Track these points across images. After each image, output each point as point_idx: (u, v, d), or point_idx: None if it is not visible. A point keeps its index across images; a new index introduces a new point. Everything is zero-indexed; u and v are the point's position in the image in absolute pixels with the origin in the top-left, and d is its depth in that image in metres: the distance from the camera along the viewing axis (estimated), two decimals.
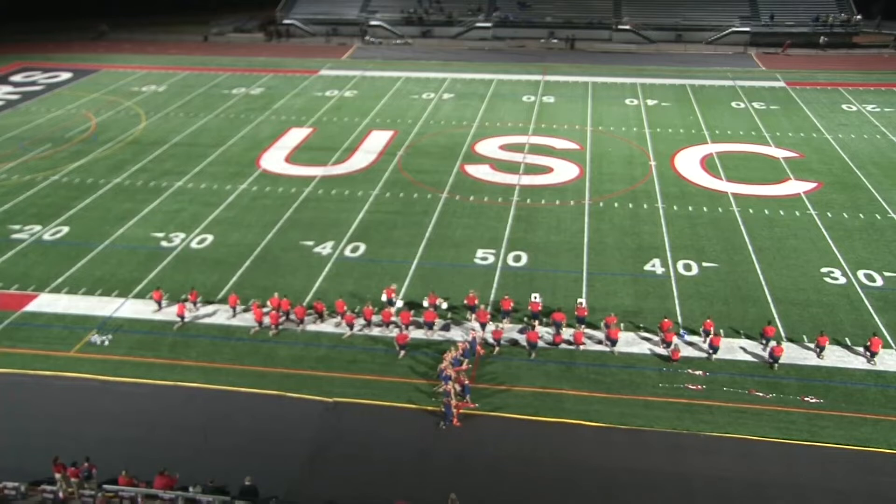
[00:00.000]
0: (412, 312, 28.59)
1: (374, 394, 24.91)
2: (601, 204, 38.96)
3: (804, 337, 27.75)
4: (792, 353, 26.71)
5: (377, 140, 48.22)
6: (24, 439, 22.99)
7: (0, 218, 37.62)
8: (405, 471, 21.92)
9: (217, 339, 27.98)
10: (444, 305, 29.28)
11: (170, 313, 29.08)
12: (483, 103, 56.13)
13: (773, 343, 26.48)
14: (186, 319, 28.77)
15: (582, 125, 51.03)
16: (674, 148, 46.72)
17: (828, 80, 62.32)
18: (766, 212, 37.75)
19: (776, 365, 26.06)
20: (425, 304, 29.02)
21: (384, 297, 29.27)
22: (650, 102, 56.20)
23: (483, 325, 28.00)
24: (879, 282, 31.41)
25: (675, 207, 38.37)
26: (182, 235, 35.68)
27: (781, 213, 37.66)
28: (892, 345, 27.31)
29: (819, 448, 22.48)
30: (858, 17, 75.89)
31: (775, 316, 29.07)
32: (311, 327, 28.62)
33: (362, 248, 34.52)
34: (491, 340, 27.37)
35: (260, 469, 21.06)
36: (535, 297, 29.49)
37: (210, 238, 35.47)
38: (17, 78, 63.79)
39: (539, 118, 52.48)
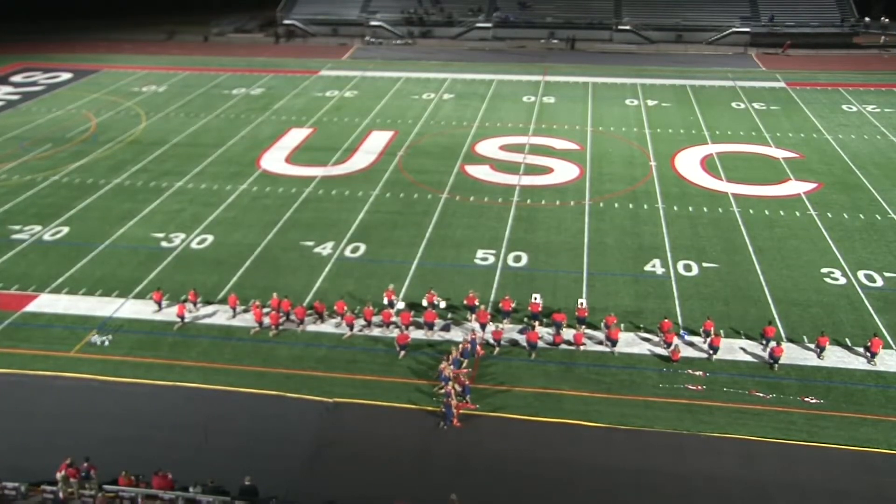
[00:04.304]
0: (412, 313, 28.58)
1: (374, 394, 24.89)
2: (601, 204, 38.96)
3: (804, 337, 27.74)
4: (792, 354, 26.70)
5: (377, 140, 48.22)
6: (24, 439, 22.98)
7: (0, 218, 37.62)
8: (405, 471, 21.91)
9: (217, 340, 27.97)
10: (443, 305, 29.26)
11: (170, 314, 29.07)
12: (483, 103, 56.14)
13: (773, 343, 26.46)
14: (186, 320, 28.76)
15: (582, 125, 51.03)
16: (674, 148, 46.72)
17: (828, 81, 62.35)
18: (767, 212, 37.75)
19: (776, 365, 26.04)
20: (424, 303, 29.03)
21: (385, 300, 29.26)
22: (650, 103, 56.21)
23: (483, 326, 27.98)
24: (879, 282, 31.40)
25: (675, 208, 38.37)
26: (182, 236, 35.68)
27: (782, 213, 37.66)
28: (893, 345, 27.30)
29: (819, 448, 22.46)
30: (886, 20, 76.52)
31: (775, 316, 29.07)
32: (312, 328, 28.61)
33: (362, 248, 34.51)
34: (491, 341, 27.37)
35: (260, 469, 21.04)
36: (536, 298, 29.46)
37: (210, 238, 35.47)
38: (17, 78, 63.79)
39: (539, 118, 52.49)
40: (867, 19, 77.18)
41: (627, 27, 77.61)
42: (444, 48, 76.65)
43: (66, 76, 64.05)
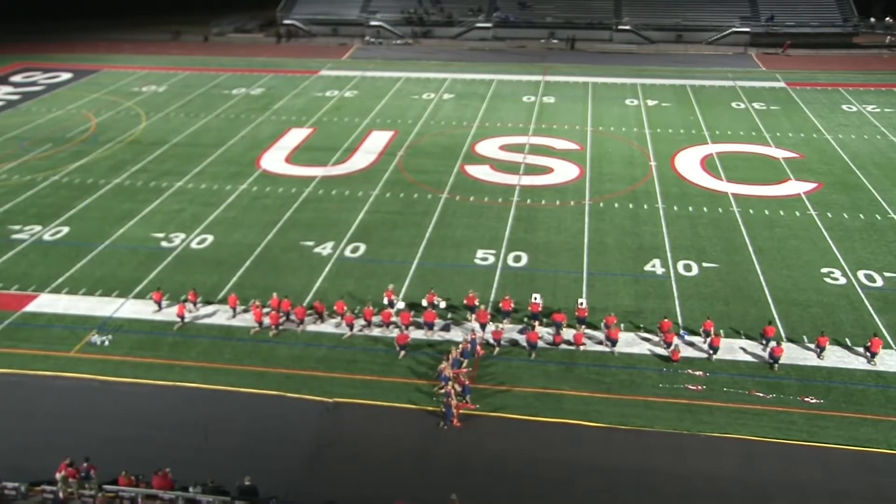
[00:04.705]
0: (412, 313, 28.58)
1: (374, 394, 24.90)
2: (601, 204, 38.96)
3: (804, 337, 27.74)
4: (792, 354, 26.70)
5: (377, 140, 48.22)
6: (24, 439, 22.98)
7: (0, 218, 37.62)
8: (405, 471, 21.92)
9: (217, 340, 27.98)
10: (443, 304, 29.25)
11: (170, 314, 29.07)
12: (483, 103, 56.14)
13: (773, 343, 26.46)
14: (186, 320, 28.76)
15: (582, 125, 51.03)
16: (674, 148, 46.72)
17: (828, 81, 62.35)
18: (767, 212, 37.75)
19: (776, 365, 26.05)
20: (424, 303, 29.03)
21: (385, 300, 29.26)
22: (650, 103, 56.21)
23: (483, 326, 27.98)
24: (879, 282, 31.40)
25: (675, 208, 38.37)
26: (182, 236, 35.68)
27: (782, 213, 37.66)
28: (893, 345, 27.30)
29: (819, 448, 22.47)
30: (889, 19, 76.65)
31: (775, 316, 29.07)
32: (311, 328, 28.61)
33: (362, 248, 34.52)
34: (491, 341, 27.37)
35: (260, 469, 21.04)
36: (536, 298, 29.46)
37: (210, 238, 35.47)
38: (17, 78, 63.79)
39: (539, 118, 52.48)
40: (872, 20, 77.17)
41: (627, 27, 77.58)
42: (444, 48, 76.63)
43: (66, 76, 64.04)
